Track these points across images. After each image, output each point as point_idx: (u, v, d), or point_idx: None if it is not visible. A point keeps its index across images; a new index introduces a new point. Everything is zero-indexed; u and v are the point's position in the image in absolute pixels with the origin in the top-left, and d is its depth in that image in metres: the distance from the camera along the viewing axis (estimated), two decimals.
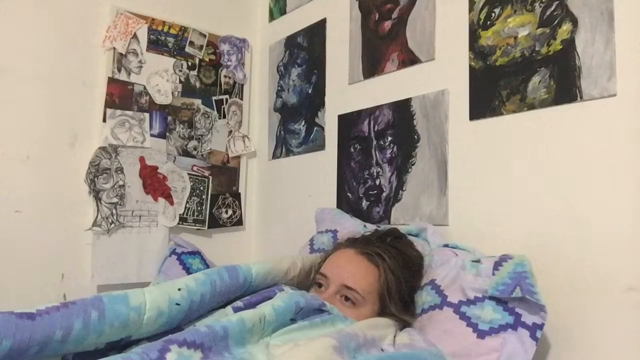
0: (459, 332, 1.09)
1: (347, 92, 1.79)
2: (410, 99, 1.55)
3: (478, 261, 1.16)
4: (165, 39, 1.97)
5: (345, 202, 1.73)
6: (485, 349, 1.04)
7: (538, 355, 1.08)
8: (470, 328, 1.08)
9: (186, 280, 1.08)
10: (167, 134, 1.95)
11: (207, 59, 2.08)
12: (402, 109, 1.57)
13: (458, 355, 1.07)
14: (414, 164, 1.52)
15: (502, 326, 1.05)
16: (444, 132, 1.44)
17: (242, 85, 2.18)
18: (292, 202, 2.01)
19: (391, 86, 1.62)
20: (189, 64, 2.03)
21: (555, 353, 1.15)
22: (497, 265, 1.11)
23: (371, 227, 1.49)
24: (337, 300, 1.19)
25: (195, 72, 2.04)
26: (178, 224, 1.95)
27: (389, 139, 1.61)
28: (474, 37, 1.38)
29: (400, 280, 1.21)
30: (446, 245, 1.29)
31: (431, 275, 1.23)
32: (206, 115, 2.06)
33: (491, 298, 1.09)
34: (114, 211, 1.80)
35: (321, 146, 1.87)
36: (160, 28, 1.95)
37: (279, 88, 2.12)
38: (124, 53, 1.85)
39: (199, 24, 2.06)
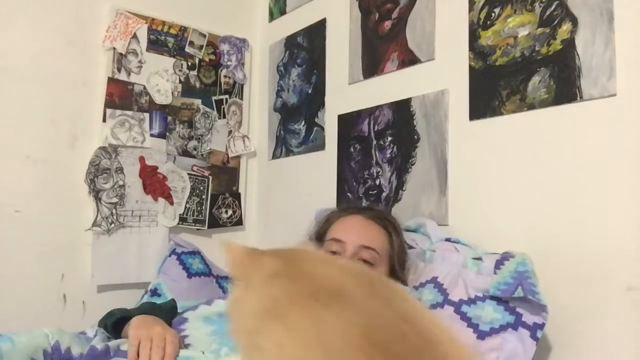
0: (460, 332, 1.09)
1: (347, 92, 1.79)
2: (410, 99, 1.55)
3: (479, 259, 1.17)
4: (165, 39, 1.97)
5: (345, 202, 1.73)
6: (485, 349, 1.05)
7: (538, 355, 1.08)
8: (471, 329, 1.08)
9: None
10: (167, 134, 1.95)
11: (207, 59, 2.08)
12: (402, 109, 1.57)
13: None
14: (414, 164, 1.52)
15: (503, 326, 1.05)
16: (444, 132, 1.44)
17: (242, 85, 2.18)
18: (292, 202, 2.01)
19: (391, 86, 1.62)
20: (189, 64, 2.03)
21: (555, 353, 1.15)
22: (499, 264, 1.11)
23: None
24: None
25: (195, 72, 2.04)
26: (178, 224, 1.95)
27: (389, 139, 1.61)
28: (474, 37, 1.39)
29: (404, 243, 1.27)
30: (448, 240, 1.29)
31: (432, 272, 1.23)
32: (206, 115, 2.06)
33: (492, 297, 1.09)
34: (114, 211, 1.80)
35: (321, 146, 1.87)
36: (160, 28, 1.95)
37: (279, 88, 2.12)
38: (124, 53, 1.85)
39: (199, 24, 2.06)
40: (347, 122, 1.76)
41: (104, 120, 1.80)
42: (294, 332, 0.52)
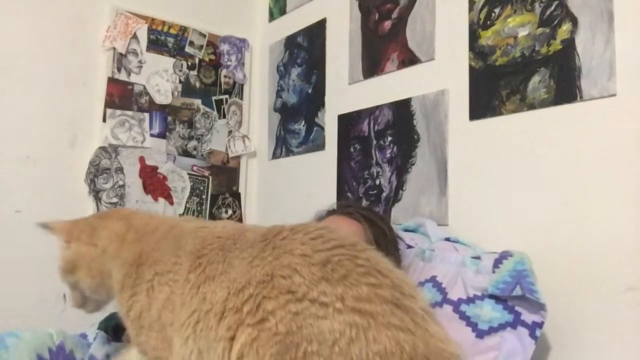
0: (458, 331, 1.09)
1: (347, 92, 1.79)
2: (410, 99, 1.55)
3: (478, 257, 1.17)
4: (165, 39, 1.97)
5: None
6: (484, 348, 1.05)
7: (538, 355, 1.08)
8: (470, 327, 1.08)
9: None
10: (167, 134, 1.95)
11: (207, 59, 2.08)
12: (402, 109, 1.57)
13: None
14: (414, 164, 1.52)
15: (502, 325, 1.05)
16: (444, 132, 1.44)
17: (242, 85, 2.18)
18: (292, 202, 2.01)
19: (391, 86, 1.62)
20: (189, 64, 2.03)
21: (555, 353, 1.15)
22: (497, 262, 1.11)
23: None
24: None
25: (195, 72, 2.04)
26: None
27: (389, 139, 1.61)
28: (474, 37, 1.38)
29: (384, 230, 1.27)
30: (447, 239, 1.29)
31: (431, 271, 1.23)
32: (206, 115, 2.06)
33: (491, 296, 1.09)
34: None
35: (321, 146, 1.87)
36: (160, 28, 1.95)
37: (279, 88, 2.12)
38: (124, 53, 1.85)
39: (199, 24, 2.06)
40: (347, 122, 1.76)
41: (104, 120, 1.80)
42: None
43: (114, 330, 1.22)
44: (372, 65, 1.69)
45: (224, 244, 0.83)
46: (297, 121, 2.00)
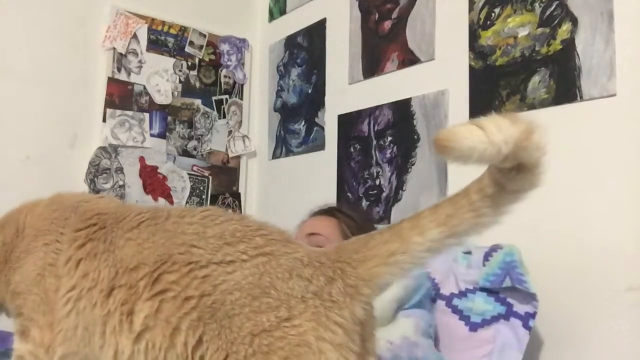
0: (451, 326, 1.10)
1: (347, 92, 1.79)
2: (410, 99, 1.55)
3: (469, 252, 1.18)
4: (165, 39, 1.97)
5: (345, 202, 1.73)
6: (478, 342, 1.05)
7: (537, 354, 1.08)
8: (462, 322, 1.10)
9: None
10: (167, 134, 1.95)
11: (207, 59, 2.08)
12: (402, 109, 1.57)
13: (451, 349, 1.07)
14: (414, 164, 1.52)
15: (494, 317, 1.06)
16: None
17: (242, 85, 2.18)
18: (292, 202, 2.01)
19: (391, 86, 1.62)
20: (189, 64, 2.03)
21: (554, 353, 1.15)
22: (487, 256, 1.13)
23: None
24: None
25: (195, 72, 2.04)
26: None
27: (389, 139, 1.61)
28: (474, 37, 1.39)
29: (359, 223, 1.27)
30: None
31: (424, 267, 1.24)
32: (206, 115, 2.06)
33: (482, 289, 1.10)
34: None
35: (321, 146, 1.87)
36: (160, 28, 1.95)
37: (279, 88, 2.12)
38: (124, 53, 1.85)
39: (199, 24, 2.06)
40: (347, 122, 1.76)
41: (104, 120, 1.80)
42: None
43: None
44: (372, 65, 1.69)
45: (105, 221, 0.86)
46: (297, 121, 2.00)
